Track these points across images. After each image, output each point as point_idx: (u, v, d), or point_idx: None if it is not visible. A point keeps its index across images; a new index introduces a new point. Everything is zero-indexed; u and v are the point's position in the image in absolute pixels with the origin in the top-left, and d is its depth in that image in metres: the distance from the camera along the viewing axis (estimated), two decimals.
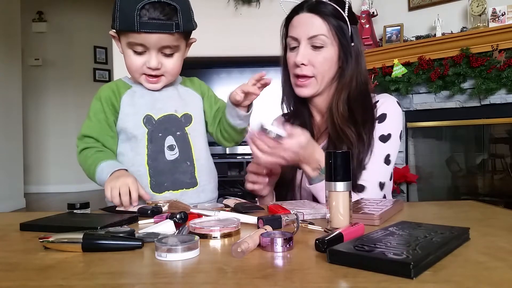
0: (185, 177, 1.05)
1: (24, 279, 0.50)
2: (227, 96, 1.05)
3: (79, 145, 1.06)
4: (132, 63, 1.02)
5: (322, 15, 1.07)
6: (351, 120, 1.07)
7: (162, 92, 1.08)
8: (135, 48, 0.99)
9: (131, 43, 0.99)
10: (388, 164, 1.07)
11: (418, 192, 3.30)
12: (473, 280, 0.46)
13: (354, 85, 1.10)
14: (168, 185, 1.03)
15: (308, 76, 1.10)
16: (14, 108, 4.81)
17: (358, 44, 1.12)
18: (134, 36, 0.97)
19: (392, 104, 1.13)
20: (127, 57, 1.02)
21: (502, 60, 2.61)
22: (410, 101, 3.14)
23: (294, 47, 1.11)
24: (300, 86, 1.12)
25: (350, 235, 0.60)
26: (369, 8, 3.27)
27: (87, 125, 1.07)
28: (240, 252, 0.55)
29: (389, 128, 1.08)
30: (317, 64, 1.08)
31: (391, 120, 1.09)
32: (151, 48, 0.99)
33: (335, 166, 0.70)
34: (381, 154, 1.06)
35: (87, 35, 6.07)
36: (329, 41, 1.07)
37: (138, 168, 1.02)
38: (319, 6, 1.08)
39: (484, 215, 0.86)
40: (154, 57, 1.00)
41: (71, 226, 0.75)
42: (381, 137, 1.07)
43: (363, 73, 1.12)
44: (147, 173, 1.02)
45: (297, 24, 1.09)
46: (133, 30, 0.95)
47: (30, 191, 5.57)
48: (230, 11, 3.47)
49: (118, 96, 1.05)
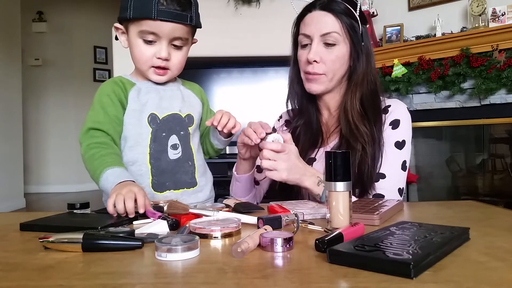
0: (187, 177, 1.05)
1: (24, 279, 0.50)
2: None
3: (84, 141, 0.98)
4: (142, 53, 1.02)
5: (335, 13, 1.08)
6: (364, 119, 1.09)
7: (166, 91, 1.08)
8: (146, 37, 1.00)
9: (143, 31, 0.99)
10: (405, 170, 1.09)
11: (418, 192, 3.30)
12: (473, 280, 0.46)
13: (366, 84, 1.11)
14: (169, 185, 1.03)
15: (319, 74, 1.10)
16: (14, 108, 4.81)
17: (368, 44, 1.13)
18: (149, 24, 0.98)
19: (404, 110, 1.14)
20: (136, 47, 1.02)
21: (502, 60, 2.61)
22: (410, 101, 3.13)
23: (306, 45, 1.12)
24: (311, 81, 1.12)
25: (350, 235, 0.60)
26: (369, 8, 3.27)
27: (94, 118, 1.00)
28: (240, 252, 0.55)
29: (403, 135, 1.09)
30: (328, 62, 1.09)
31: (404, 126, 1.10)
32: (163, 38, 1.00)
33: (335, 166, 0.70)
34: (398, 161, 1.07)
35: (87, 35, 6.08)
36: (341, 38, 1.08)
37: (140, 167, 1.01)
38: (331, 4, 1.09)
39: (484, 215, 0.86)
40: (165, 47, 1.01)
41: (71, 226, 0.74)
42: (396, 144, 1.08)
43: (373, 73, 1.13)
44: (149, 172, 1.02)
45: (310, 22, 1.10)
46: (150, 17, 0.96)
47: (30, 191, 5.57)
48: (230, 11, 3.47)
49: (125, 91, 1.04)
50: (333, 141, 1.15)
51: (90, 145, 0.96)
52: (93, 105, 1.03)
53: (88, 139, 0.98)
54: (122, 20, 1.03)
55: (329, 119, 1.20)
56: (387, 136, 1.09)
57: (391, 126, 1.10)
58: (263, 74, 3.32)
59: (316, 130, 1.18)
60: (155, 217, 0.78)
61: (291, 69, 1.20)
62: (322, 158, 1.12)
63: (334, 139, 1.15)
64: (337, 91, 1.16)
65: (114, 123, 1.01)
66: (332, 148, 1.13)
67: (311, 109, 1.20)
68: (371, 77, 1.12)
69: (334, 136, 1.16)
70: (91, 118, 1.01)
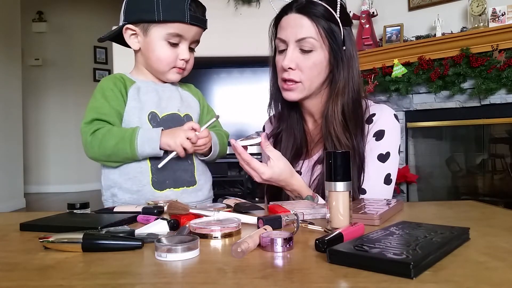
0: (186, 175, 1.06)
1: (24, 279, 0.50)
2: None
3: (89, 129, 0.98)
4: (168, 55, 1.04)
5: (311, 16, 1.01)
6: (346, 131, 1.03)
7: (165, 91, 1.09)
8: (172, 39, 1.03)
9: (172, 33, 1.02)
10: (389, 184, 1.04)
11: (418, 192, 3.30)
12: (473, 280, 0.46)
13: (347, 92, 1.04)
14: (169, 183, 1.03)
15: (295, 81, 1.04)
16: (14, 108, 4.81)
17: (351, 47, 1.06)
18: (180, 27, 1.02)
19: (389, 118, 1.07)
20: (160, 48, 1.03)
21: (502, 60, 2.62)
22: (410, 101, 3.14)
23: (283, 50, 1.05)
24: (286, 90, 1.07)
25: (350, 235, 0.60)
26: (369, 8, 3.27)
27: (99, 109, 1.00)
28: (240, 252, 0.55)
29: (387, 146, 1.04)
30: (305, 69, 1.03)
31: (389, 137, 1.04)
32: (186, 41, 1.05)
33: (335, 166, 0.70)
34: (380, 175, 1.03)
35: (87, 35, 6.08)
36: (318, 44, 1.02)
37: (140, 165, 1.01)
38: (308, 6, 1.02)
39: (484, 215, 0.86)
40: (186, 49, 1.05)
41: (71, 226, 0.74)
42: (379, 157, 1.03)
43: (356, 80, 1.06)
44: (149, 170, 1.02)
45: (286, 26, 1.04)
46: (183, 21, 1.01)
47: (30, 191, 5.57)
48: (230, 11, 3.47)
49: (126, 88, 1.04)
50: (317, 153, 1.11)
51: (99, 129, 0.98)
52: (95, 97, 1.03)
53: (94, 126, 0.98)
54: (138, 22, 1.03)
55: (314, 127, 1.15)
56: (369, 149, 1.04)
57: (375, 137, 1.04)
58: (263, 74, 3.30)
59: (300, 140, 1.13)
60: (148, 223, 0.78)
61: (271, 74, 1.14)
62: (308, 171, 1.10)
63: (318, 151, 1.11)
64: (318, 97, 1.10)
65: (117, 117, 1.02)
66: (316, 161, 1.10)
67: (294, 115, 1.15)
68: (352, 85, 1.05)
69: (318, 147, 1.12)
70: (95, 109, 1.01)
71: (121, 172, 1.02)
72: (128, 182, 1.01)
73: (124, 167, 1.01)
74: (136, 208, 0.88)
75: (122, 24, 1.05)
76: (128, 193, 1.01)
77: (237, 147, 0.94)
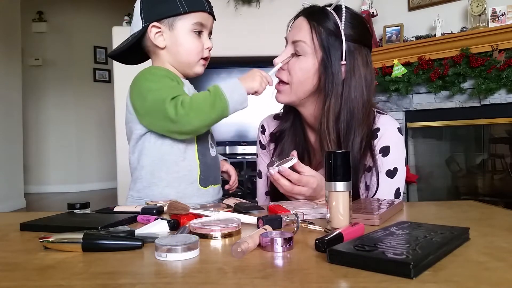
0: (219, 173, 1.13)
1: (24, 279, 0.50)
2: None
3: (172, 105, 0.90)
4: (196, 45, 1.04)
5: (311, 22, 1.01)
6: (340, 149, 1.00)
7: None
8: (198, 29, 1.04)
9: (197, 23, 1.03)
10: (399, 197, 1.05)
11: (418, 192, 3.30)
12: (473, 280, 0.46)
13: (341, 113, 1.00)
14: (212, 180, 1.07)
15: (284, 82, 1.06)
16: (14, 108, 4.81)
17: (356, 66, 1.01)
18: (203, 16, 1.04)
19: (394, 133, 1.06)
20: (190, 39, 1.03)
21: (502, 60, 2.62)
22: (410, 101, 3.14)
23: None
24: (277, 92, 1.09)
25: (350, 235, 0.60)
26: (369, 8, 3.28)
27: (172, 91, 0.94)
28: (240, 252, 0.55)
29: (394, 162, 1.04)
30: (293, 71, 1.04)
31: (395, 152, 1.04)
32: (207, 30, 1.06)
33: (335, 166, 0.70)
34: (390, 191, 1.04)
35: (87, 35, 6.08)
36: (310, 50, 1.01)
37: (190, 163, 1.02)
38: (316, 14, 1.02)
39: (484, 215, 0.86)
40: (208, 38, 1.07)
41: (71, 226, 0.74)
42: (388, 173, 1.03)
43: (353, 100, 1.00)
44: (198, 167, 1.03)
45: (292, 27, 1.07)
46: (204, 10, 1.04)
47: (30, 191, 5.57)
48: (230, 11, 3.47)
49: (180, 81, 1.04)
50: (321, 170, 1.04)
51: (185, 97, 0.92)
52: (163, 81, 0.97)
53: (178, 98, 0.92)
54: (161, 19, 1.02)
55: (314, 139, 1.12)
56: (379, 164, 1.03)
57: (381, 153, 1.04)
58: None
59: (302, 148, 1.11)
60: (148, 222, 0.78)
61: None
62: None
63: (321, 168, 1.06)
64: (311, 107, 1.07)
65: None
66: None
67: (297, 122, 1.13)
68: (349, 104, 1.00)
69: (322, 164, 1.08)
70: (168, 91, 0.94)
71: (169, 170, 1.01)
72: (176, 181, 1.01)
73: (173, 165, 1.01)
74: (136, 208, 0.88)
75: (144, 25, 1.02)
76: (174, 190, 1.01)
77: (284, 171, 0.89)
